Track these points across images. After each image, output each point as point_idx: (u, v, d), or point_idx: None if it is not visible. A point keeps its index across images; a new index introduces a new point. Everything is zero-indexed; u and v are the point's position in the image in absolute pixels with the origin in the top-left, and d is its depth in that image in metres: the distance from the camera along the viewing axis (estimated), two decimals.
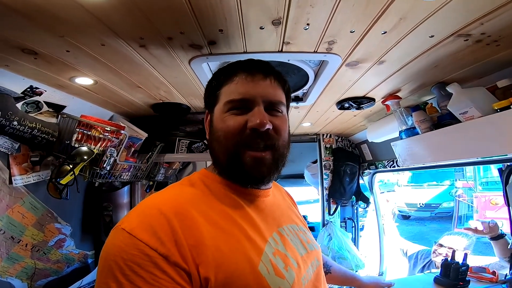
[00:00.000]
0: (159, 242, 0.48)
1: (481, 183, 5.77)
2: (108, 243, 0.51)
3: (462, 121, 1.01)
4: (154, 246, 0.48)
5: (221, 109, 0.63)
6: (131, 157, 1.35)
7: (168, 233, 0.50)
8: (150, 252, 0.47)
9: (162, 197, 0.59)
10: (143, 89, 1.13)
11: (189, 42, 0.78)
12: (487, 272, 1.37)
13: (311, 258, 0.69)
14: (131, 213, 0.55)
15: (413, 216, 7.99)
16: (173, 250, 0.48)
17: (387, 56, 0.87)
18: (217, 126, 0.63)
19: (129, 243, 0.48)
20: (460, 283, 1.29)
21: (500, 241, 1.53)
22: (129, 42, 0.76)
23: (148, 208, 0.55)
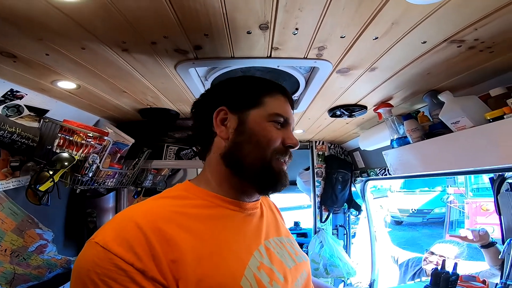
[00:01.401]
0: (135, 256, 0.46)
1: (472, 190, 5.85)
2: (81, 257, 0.49)
3: (454, 131, 1.00)
4: (130, 261, 0.46)
5: (263, 116, 0.64)
6: (116, 163, 1.30)
7: (145, 248, 0.48)
8: (126, 266, 0.45)
9: (140, 210, 0.56)
10: (129, 94, 1.09)
11: (174, 47, 0.75)
12: (477, 281, 1.35)
13: (300, 270, 0.68)
14: (106, 226, 0.52)
15: (405, 221, 8.05)
16: (150, 265, 0.47)
17: (379, 63, 0.85)
18: (256, 131, 0.63)
19: (103, 257, 0.46)
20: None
21: (491, 249, 1.52)
22: (111, 46, 0.73)
23: (124, 221, 0.52)
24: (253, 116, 0.64)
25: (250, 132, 0.63)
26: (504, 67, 0.87)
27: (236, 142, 0.63)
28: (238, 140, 0.63)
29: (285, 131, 0.66)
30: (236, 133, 0.64)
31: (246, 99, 0.66)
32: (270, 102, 0.66)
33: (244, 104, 0.65)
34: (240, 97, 0.67)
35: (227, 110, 0.65)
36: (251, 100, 0.65)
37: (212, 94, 0.72)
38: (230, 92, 0.68)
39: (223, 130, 0.64)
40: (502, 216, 1.44)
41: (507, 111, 0.78)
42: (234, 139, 0.64)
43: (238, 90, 0.68)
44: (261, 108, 0.64)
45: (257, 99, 0.65)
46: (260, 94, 0.66)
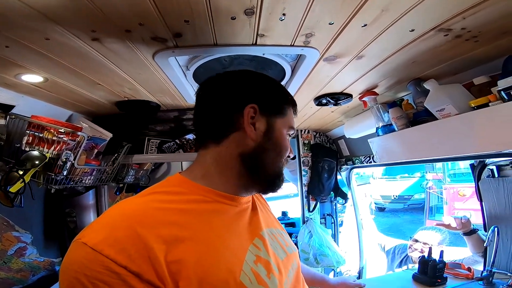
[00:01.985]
0: (129, 258, 0.43)
1: (449, 175, 5.96)
2: (68, 259, 0.45)
3: (439, 119, 1.00)
4: (123, 263, 0.43)
5: (285, 126, 0.65)
6: (93, 160, 1.23)
7: (139, 249, 0.44)
8: (118, 269, 0.42)
9: (132, 207, 0.52)
10: (104, 86, 1.02)
11: (151, 34, 0.69)
12: (462, 268, 1.40)
13: (291, 261, 0.67)
14: (95, 225, 0.48)
15: (387, 208, 8.24)
16: (146, 267, 0.44)
17: (366, 51, 0.83)
18: (280, 140, 0.64)
19: (93, 259, 0.42)
20: (438, 280, 1.30)
21: (473, 237, 1.56)
22: (78, 35, 0.66)
23: (116, 220, 0.48)
24: (278, 124, 0.64)
25: (276, 141, 0.63)
26: (487, 57, 0.88)
27: (264, 147, 0.62)
28: (266, 146, 0.62)
29: None
30: (265, 137, 0.62)
31: (276, 105, 0.65)
32: (289, 113, 0.67)
33: (274, 110, 0.64)
34: (273, 100, 0.65)
35: (258, 109, 0.62)
36: (279, 107, 0.65)
37: (240, 83, 0.65)
38: (264, 92, 0.65)
39: (253, 130, 0.61)
40: (484, 202, 1.47)
41: (492, 99, 0.79)
42: (262, 143, 0.61)
43: (272, 92, 0.66)
44: (285, 118, 0.65)
45: (283, 108, 0.66)
46: (286, 104, 0.67)
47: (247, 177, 0.62)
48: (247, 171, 0.62)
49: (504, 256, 1.34)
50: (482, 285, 1.25)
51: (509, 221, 1.34)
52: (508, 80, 0.72)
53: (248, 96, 0.62)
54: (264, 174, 0.63)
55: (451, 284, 1.31)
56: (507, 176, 1.37)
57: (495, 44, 0.80)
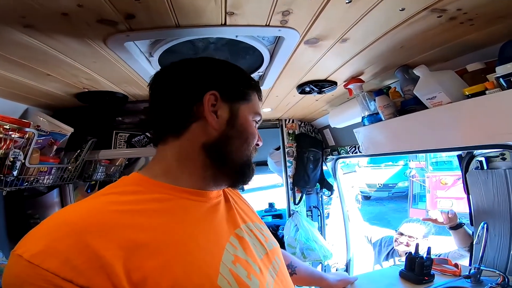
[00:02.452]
0: (74, 271, 0.37)
1: (431, 163, 6.00)
2: (6, 274, 0.39)
3: (429, 107, 0.94)
4: (68, 277, 0.37)
5: (250, 112, 0.62)
6: (53, 157, 1.10)
7: (88, 259, 0.38)
8: (63, 283, 0.37)
9: (79, 211, 0.45)
10: (56, 77, 0.90)
11: (96, 17, 0.58)
12: (449, 264, 1.38)
13: (272, 258, 0.64)
14: (33, 234, 0.42)
15: (373, 196, 8.36)
16: (99, 280, 0.38)
17: (351, 33, 0.74)
18: (245, 127, 0.60)
19: (32, 274, 0.37)
20: (425, 278, 1.27)
21: (459, 231, 1.53)
22: (7, 23, 0.56)
23: (58, 227, 0.41)
24: (243, 111, 0.60)
25: (241, 128, 0.59)
26: (482, 42, 0.81)
27: (227, 136, 0.58)
28: (230, 134, 0.58)
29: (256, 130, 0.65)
30: (228, 125, 0.58)
31: (239, 91, 0.61)
32: (254, 99, 0.64)
33: (237, 96, 0.60)
34: (235, 86, 0.61)
35: (219, 96, 0.57)
36: (243, 92, 0.61)
37: (197, 71, 0.60)
38: (225, 77, 0.61)
39: (214, 119, 0.57)
40: (471, 195, 1.43)
41: (489, 87, 0.72)
42: (225, 131, 0.58)
43: (234, 77, 0.62)
44: (250, 104, 0.62)
45: (247, 94, 0.62)
46: (250, 89, 0.63)
47: (213, 169, 0.58)
48: (212, 162, 0.57)
49: (491, 252, 1.32)
50: (469, 283, 1.22)
51: (497, 216, 1.30)
52: (508, 67, 0.65)
53: (207, 83, 0.58)
54: (231, 164, 0.59)
55: (439, 282, 1.27)
56: (496, 168, 1.32)
57: (490, 30, 0.73)
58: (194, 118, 0.57)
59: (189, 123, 0.57)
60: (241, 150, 0.60)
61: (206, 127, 0.56)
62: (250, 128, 0.61)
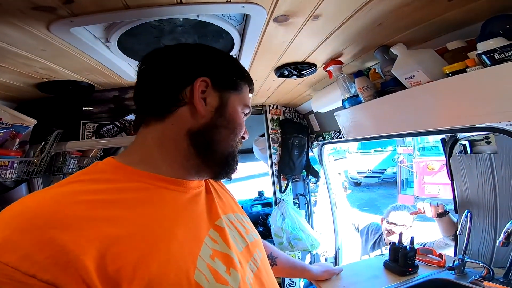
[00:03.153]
0: (36, 266, 0.34)
1: (419, 149, 5.97)
2: None
3: (408, 87, 0.90)
4: (29, 272, 0.34)
5: (240, 103, 0.61)
6: (15, 150, 1.04)
7: (51, 254, 0.35)
8: (25, 278, 0.34)
9: (41, 201, 0.41)
10: (8, 68, 0.84)
11: (29, 4, 0.53)
12: (433, 254, 1.35)
13: (252, 250, 0.62)
14: None
15: (363, 182, 8.38)
16: (65, 276, 0.35)
17: (322, 9, 0.69)
18: (234, 117, 0.59)
19: None
20: (409, 269, 1.24)
21: (444, 219, 1.49)
22: None
23: (18, 219, 0.38)
24: (233, 101, 0.59)
25: (229, 118, 0.58)
26: (462, 20, 0.77)
27: (215, 124, 0.56)
28: (217, 123, 0.56)
29: None
30: (217, 114, 0.56)
31: (231, 80, 0.60)
32: (245, 91, 0.62)
33: (228, 85, 0.59)
34: (227, 75, 0.59)
35: (210, 83, 0.56)
36: (234, 83, 0.60)
37: (191, 55, 0.59)
38: (218, 65, 0.59)
39: (203, 105, 0.55)
40: (455, 181, 1.38)
41: (470, 64, 0.68)
42: (213, 119, 0.56)
43: (227, 66, 0.61)
44: (240, 95, 0.61)
45: (239, 85, 0.61)
46: (242, 80, 0.62)
47: (196, 158, 0.55)
48: (196, 151, 0.55)
49: (476, 242, 1.29)
50: (454, 274, 1.20)
51: (481, 204, 1.27)
52: (491, 43, 0.61)
53: (199, 69, 0.56)
54: (215, 153, 0.57)
55: (423, 274, 1.24)
56: (480, 153, 1.28)
57: (470, 6, 0.69)
58: (182, 103, 0.54)
59: (176, 107, 0.54)
60: (227, 141, 0.58)
61: (194, 113, 0.54)
62: (238, 119, 0.59)
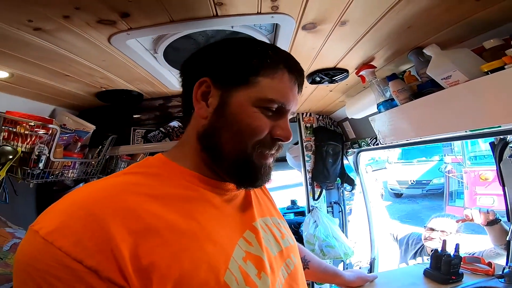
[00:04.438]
0: (85, 252, 0.37)
1: (469, 158, 5.53)
2: (21, 248, 0.40)
3: (446, 88, 0.88)
4: (78, 258, 0.36)
5: (251, 100, 0.51)
6: (77, 153, 1.20)
7: (100, 241, 0.38)
8: (73, 264, 0.36)
9: (99, 190, 0.44)
10: (74, 77, 0.98)
11: (95, 18, 0.63)
12: (482, 263, 1.25)
13: (286, 256, 0.60)
14: (51, 210, 0.41)
15: (405, 193, 7.87)
16: (106, 263, 0.37)
17: (348, 15, 0.72)
18: (239, 117, 0.51)
19: (44, 251, 0.37)
20: (453, 277, 1.16)
21: (496, 227, 1.38)
22: (17, 27, 0.62)
23: (75, 205, 0.41)
24: (238, 97, 0.51)
25: (231, 118, 0.51)
26: (496, 19, 0.74)
27: (214, 127, 0.52)
28: (216, 125, 0.52)
29: (277, 119, 0.53)
30: (216, 114, 0.52)
31: (233, 73, 0.52)
32: (265, 84, 0.51)
33: (231, 79, 0.52)
34: (227, 68, 0.53)
35: (211, 82, 0.52)
36: (240, 75, 0.51)
37: (198, 57, 0.58)
38: (217, 59, 0.54)
39: (203, 107, 0.53)
40: (507, 187, 1.27)
41: (507, 61, 0.66)
42: (212, 121, 0.52)
43: (227, 58, 0.53)
44: (252, 88, 0.51)
45: (248, 76, 0.51)
46: (255, 71, 0.51)
47: (209, 162, 0.54)
48: (206, 154, 0.54)
49: None
50: (503, 282, 1.10)
51: None
52: None
53: (201, 70, 0.54)
54: (223, 159, 0.52)
55: (468, 282, 1.16)
56: None
57: (501, 5, 0.66)
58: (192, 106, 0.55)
59: (192, 109, 0.55)
60: (232, 144, 0.52)
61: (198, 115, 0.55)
62: (245, 118, 0.51)
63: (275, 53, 0.54)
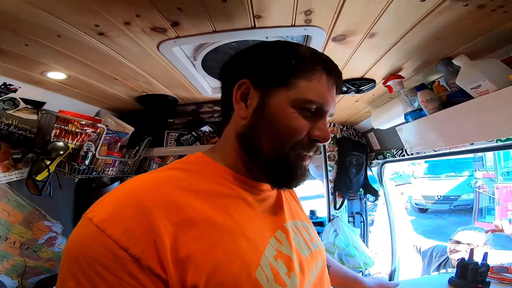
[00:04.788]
0: (132, 241, 0.39)
1: (502, 173, 5.27)
2: (74, 234, 0.42)
3: (475, 97, 0.88)
4: (125, 245, 0.38)
5: (290, 101, 0.52)
6: (117, 152, 1.30)
7: (145, 231, 0.40)
8: (119, 252, 0.38)
9: (146, 183, 0.47)
10: (121, 81, 1.07)
11: (150, 25, 0.70)
12: (510, 272, 1.20)
13: (315, 259, 0.61)
14: (105, 199, 0.44)
15: (430, 209, 7.58)
16: (149, 252, 0.39)
17: (378, 27, 0.76)
18: (278, 118, 0.52)
19: (95, 238, 0.39)
20: (479, 285, 1.12)
21: None
22: (85, 31, 0.71)
23: (126, 196, 0.44)
24: (277, 98, 0.52)
25: (270, 118, 0.52)
26: None
27: (254, 127, 0.53)
28: (256, 125, 0.53)
29: (316, 121, 0.54)
30: (255, 115, 0.53)
31: (273, 74, 0.53)
32: (304, 85, 0.52)
33: (270, 80, 0.53)
34: (266, 69, 0.54)
35: (250, 84, 0.54)
36: (280, 77, 0.52)
37: (237, 60, 0.59)
38: (256, 62, 0.55)
39: (242, 108, 0.54)
40: None
41: None
42: (252, 122, 0.53)
43: (267, 60, 0.55)
44: (291, 90, 0.52)
45: (288, 79, 0.52)
46: (293, 72, 0.52)
47: (248, 162, 0.55)
48: (244, 154, 0.55)
49: None
50: None
51: None
52: None
53: (240, 72, 0.56)
54: (261, 159, 0.53)
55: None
56: None
57: None
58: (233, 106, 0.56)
59: (232, 110, 0.57)
60: (271, 145, 0.52)
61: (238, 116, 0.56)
62: (284, 119, 0.51)
63: (314, 55, 0.55)
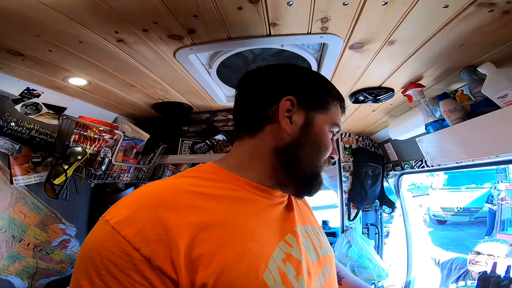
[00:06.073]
0: (144, 241, 0.41)
1: None
2: (90, 235, 0.45)
3: (502, 107, 0.84)
4: (137, 246, 0.41)
5: (327, 123, 0.62)
6: (132, 158, 1.32)
7: (158, 232, 0.42)
8: (131, 252, 0.41)
9: (161, 188, 0.51)
10: (138, 88, 1.10)
11: (167, 32, 0.71)
12: None
13: (323, 264, 0.63)
14: (121, 203, 0.47)
15: (449, 221, 7.40)
16: (160, 253, 0.41)
17: (397, 34, 0.73)
18: (320, 136, 0.61)
19: (111, 238, 0.42)
20: None
21: None
22: (105, 37, 0.72)
23: (141, 199, 0.47)
24: (320, 120, 0.61)
25: (315, 137, 0.60)
26: None
27: (300, 142, 0.59)
28: (302, 141, 0.59)
29: (332, 142, 0.64)
30: (302, 132, 0.59)
31: (317, 99, 0.62)
32: (334, 109, 0.64)
33: (314, 104, 0.61)
34: (313, 93, 0.62)
35: (296, 102, 0.60)
36: (321, 101, 0.62)
37: (277, 75, 0.64)
38: (304, 84, 0.63)
39: (288, 124, 0.59)
40: None
41: None
42: (298, 137, 0.59)
43: (313, 85, 0.64)
44: (328, 114, 0.62)
45: (326, 103, 0.62)
46: (329, 98, 0.63)
47: (281, 172, 0.60)
48: (281, 166, 0.60)
49: None
50: None
51: None
52: None
53: (285, 88, 0.61)
54: (299, 171, 0.60)
55: None
56: None
57: None
58: (269, 121, 0.60)
59: (264, 124, 0.60)
60: (311, 159, 0.60)
61: (279, 130, 0.59)
62: (324, 138, 0.60)
63: (335, 88, 0.67)
